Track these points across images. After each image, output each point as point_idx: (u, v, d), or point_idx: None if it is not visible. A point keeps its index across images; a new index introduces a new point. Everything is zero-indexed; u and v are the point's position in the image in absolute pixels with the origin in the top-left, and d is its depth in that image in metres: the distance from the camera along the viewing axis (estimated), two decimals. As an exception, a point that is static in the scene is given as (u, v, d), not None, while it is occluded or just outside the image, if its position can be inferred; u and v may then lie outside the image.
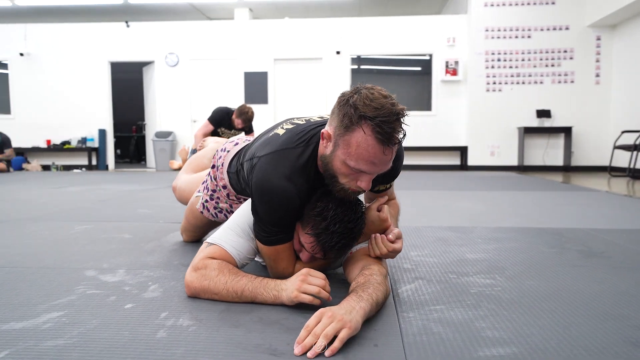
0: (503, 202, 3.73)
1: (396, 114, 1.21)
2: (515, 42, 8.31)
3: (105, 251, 2.06)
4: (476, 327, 1.21)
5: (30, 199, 3.96)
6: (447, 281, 1.61)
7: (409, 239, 2.32)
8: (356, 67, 8.84)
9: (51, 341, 1.12)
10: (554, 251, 2.04)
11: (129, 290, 1.51)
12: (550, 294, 1.47)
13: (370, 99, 1.21)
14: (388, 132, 1.20)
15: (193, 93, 9.02)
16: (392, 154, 1.25)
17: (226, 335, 1.16)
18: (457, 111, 8.66)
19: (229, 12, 9.92)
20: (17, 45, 9.09)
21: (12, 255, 1.98)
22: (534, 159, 8.42)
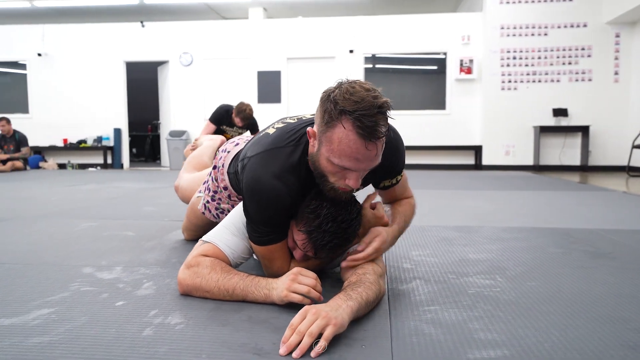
0: (514, 202, 3.66)
1: (378, 107, 1.16)
2: (532, 39, 8.17)
3: (106, 248, 2.06)
4: (469, 328, 1.18)
5: (42, 197, 4.01)
6: (446, 281, 1.58)
7: (412, 238, 2.28)
8: (369, 66, 8.79)
9: (37, 338, 1.11)
10: (560, 252, 1.99)
11: (123, 287, 1.51)
12: (550, 295, 1.43)
13: (351, 93, 1.17)
14: (369, 125, 1.14)
15: (207, 92, 9.06)
16: (377, 149, 1.19)
17: (213, 334, 1.14)
18: (472, 110, 8.56)
19: (243, 12, 9.95)
20: (35, 45, 9.24)
21: (15, 252, 2.00)
22: (550, 158, 8.28)
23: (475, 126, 8.56)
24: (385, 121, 1.18)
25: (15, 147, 7.82)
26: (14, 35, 9.30)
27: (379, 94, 1.19)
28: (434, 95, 8.74)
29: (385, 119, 1.18)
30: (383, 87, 1.26)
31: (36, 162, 8.52)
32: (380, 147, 1.20)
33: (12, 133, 7.81)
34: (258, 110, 8.91)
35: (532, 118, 8.24)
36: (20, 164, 7.69)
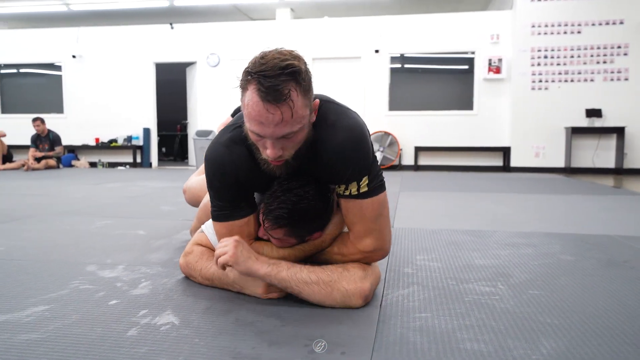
0: (536, 206, 3.55)
1: (280, 68, 1.11)
2: (564, 37, 7.93)
3: (114, 247, 2.10)
4: (457, 338, 1.14)
5: (67, 195, 4.12)
6: (444, 288, 1.54)
7: (420, 241, 2.24)
8: (395, 66, 8.71)
9: (25, 335, 1.14)
10: (572, 259, 1.91)
11: (120, 286, 1.53)
12: (550, 305, 1.37)
13: (261, 57, 1.15)
14: (268, 86, 1.10)
15: (233, 93, 9.14)
16: (282, 112, 1.13)
17: (195, 336, 1.14)
18: (500, 110, 8.37)
19: (271, 13, 10.01)
20: (70, 47, 9.53)
21: (27, 248, 2.06)
22: (582, 160, 8.01)
23: (504, 127, 8.37)
24: (291, 84, 1.12)
25: (50, 146, 8.08)
26: (50, 38, 9.62)
27: (291, 58, 1.14)
28: (461, 96, 8.58)
29: (290, 82, 1.12)
30: (409, 86, 1.22)
31: (69, 161, 8.79)
32: (287, 111, 1.13)
33: (47, 132, 8.07)
34: None
35: (563, 119, 8.00)
36: (53, 163, 7.94)
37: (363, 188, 1.32)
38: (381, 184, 1.37)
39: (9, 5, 9.66)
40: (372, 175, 1.32)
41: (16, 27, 10.97)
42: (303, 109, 1.18)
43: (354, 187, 1.31)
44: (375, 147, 8.56)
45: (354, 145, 1.28)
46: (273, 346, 1.09)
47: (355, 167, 1.30)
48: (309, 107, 1.21)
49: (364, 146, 1.30)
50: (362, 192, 1.32)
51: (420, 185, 5.23)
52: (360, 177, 1.31)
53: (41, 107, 9.74)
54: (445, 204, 3.60)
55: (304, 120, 1.20)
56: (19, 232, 2.42)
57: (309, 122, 1.24)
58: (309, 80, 1.20)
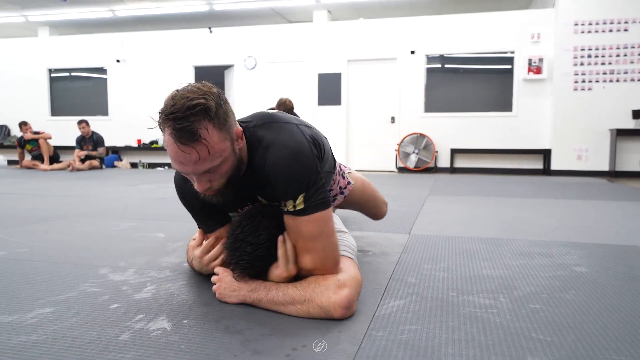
0: (564, 212, 3.42)
1: (189, 108, 1.13)
2: (609, 36, 7.60)
3: (131, 249, 2.18)
4: (441, 353, 1.13)
5: (101, 196, 4.29)
6: (443, 299, 1.51)
7: (430, 250, 2.21)
8: (431, 67, 8.58)
9: (25, 336, 1.20)
10: (587, 271, 1.84)
11: (126, 290, 1.59)
12: (548, 320, 1.33)
13: (172, 97, 1.17)
14: (178, 128, 1.13)
15: (268, 95, 9.27)
16: (198, 152, 1.16)
17: (183, 342, 1.18)
18: (541, 112, 8.10)
19: (308, 15, 10.07)
20: (114, 52, 9.92)
21: (48, 249, 2.16)
22: (628, 164, 7.66)
23: (544, 129, 8.10)
24: (202, 122, 1.15)
25: (93, 147, 8.42)
26: (96, 43, 10.05)
27: (200, 96, 1.15)
28: (500, 97, 8.37)
29: (201, 121, 1.14)
30: (445, 87, 1.18)
31: (112, 162, 9.13)
32: (203, 149, 1.16)
33: (91, 134, 8.42)
34: (318, 113, 9.02)
35: (608, 120, 7.67)
36: (96, 163, 8.28)
37: (299, 205, 1.30)
38: (322, 202, 1.32)
39: (59, 12, 10.13)
40: (309, 192, 1.30)
41: (65, 33, 11.49)
42: (221, 142, 1.20)
43: (290, 204, 1.31)
44: (409, 149, 8.47)
45: (287, 162, 1.28)
46: (255, 355, 1.11)
47: (289, 185, 1.28)
48: (229, 138, 1.23)
49: (298, 164, 1.28)
50: (297, 209, 1.31)
51: (450, 190, 5.14)
52: (296, 195, 1.29)
53: (87, 110, 10.18)
54: (470, 210, 3.53)
55: (225, 153, 1.23)
56: (45, 234, 2.55)
57: (232, 151, 1.26)
58: (225, 112, 1.22)
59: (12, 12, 10.24)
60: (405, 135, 8.55)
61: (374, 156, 8.90)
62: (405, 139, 8.54)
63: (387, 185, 5.57)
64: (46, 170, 8.01)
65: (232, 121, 1.26)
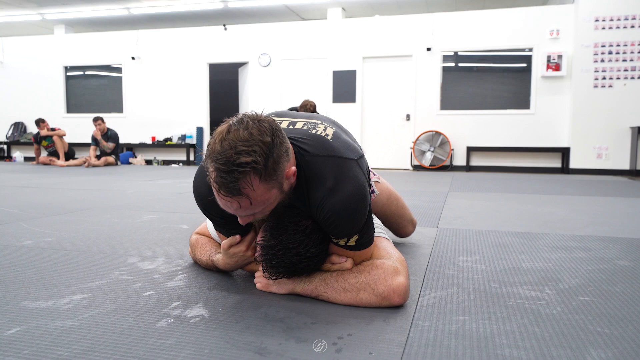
0: (592, 208, 3.34)
1: (234, 165, 1.07)
2: (631, 32, 7.46)
3: (157, 240, 2.15)
4: (495, 343, 1.07)
5: (120, 190, 4.28)
6: (486, 290, 1.46)
7: (463, 242, 2.15)
8: (448, 64, 8.49)
9: (61, 322, 1.17)
10: (631, 265, 1.77)
11: (157, 278, 1.55)
12: (602, 313, 1.27)
13: (221, 138, 1.09)
14: (220, 182, 1.09)
15: (283, 92, 9.24)
16: (238, 203, 1.12)
17: (223, 329, 1.14)
18: (559, 109, 7.98)
19: (322, 12, 10.02)
20: (130, 49, 9.94)
21: (76, 239, 2.14)
22: (649, 162, 7.51)
23: (563, 127, 7.98)
24: (247, 178, 1.08)
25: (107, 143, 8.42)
26: (112, 41, 10.08)
27: (248, 148, 1.07)
28: (518, 94, 8.25)
29: (246, 176, 1.08)
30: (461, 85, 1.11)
31: (127, 158, 9.15)
32: (245, 201, 1.12)
33: (106, 131, 8.44)
34: (333, 110, 8.96)
35: (629, 118, 7.53)
36: (112, 160, 8.29)
37: (351, 243, 1.32)
38: (370, 239, 1.36)
39: (75, 10, 10.18)
40: (362, 233, 1.31)
41: (81, 31, 11.55)
42: (266, 193, 1.14)
43: (343, 242, 1.32)
44: (425, 147, 8.39)
45: (350, 213, 1.25)
46: (301, 343, 1.06)
47: (347, 230, 1.29)
48: (277, 185, 1.16)
49: (359, 213, 1.27)
50: (349, 245, 1.33)
51: (470, 186, 5.06)
52: (350, 237, 1.30)
53: (102, 107, 10.22)
54: (495, 206, 3.46)
55: (270, 200, 1.17)
56: (71, 224, 2.53)
57: (280, 194, 1.19)
58: (275, 161, 1.12)
59: (29, 10, 10.31)
60: (421, 133, 8.47)
61: (388, 154, 8.83)
62: (421, 137, 8.46)
63: (404, 183, 5.50)
64: (62, 166, 8.04)
65: (283, 166, 1.16)
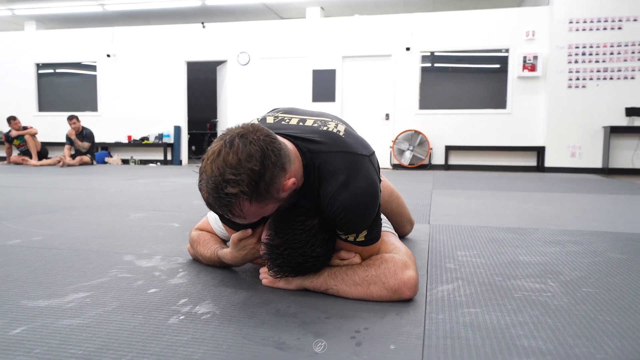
0: (576, 205, 3.43)
1: (222, 192, 1.08)
2: (603, 34, 7.67)
3: (150, 238, 2.10)
4: (511, 334, 1.08)
5: (102, 189, 4.18)
6: (491, 283, 1.47)
7: (459, 238, 2.17)
8: (426, 65, 8.58)
9: (68, 320, 1.13)
10: (623, 258, 1.82)
11: (158, 275, 1.51)
12: (608, 303, 1.29)
13: (212, 159, 1.09)
14: (210, 203, 1.12)
15: (262, 91, 9.19)
16: (231, 216, 1.14)
17: (237, 325, 1.11)
18: (535, 109, 8.15)
19: (301, 11, 10.00)
20: (105, 47, 9.73)
21: (65, 238, 2.07)
22: (621, 161, 7.74)
23: (538, 126, 8.16)
24: (236, 204, 1.10)
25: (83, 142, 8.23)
26: (86, 38, 9.84)
27: (237, 177, 1.06)
28: (494, 94, 8.40)
29: (234, 202, 1.09)
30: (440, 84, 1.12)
31: (102, 158, 8.96)
32: (239, 217, 1.14)
33: (81, 130, 8.24)
34: (312, 109, 8.94)
35: (601, 118, 7.74)
36: (87, 159, 8.10)
37: (360, 239, 1.31)
38: (378, 235, 1.35)
39: (46, 6, 9.92)
40: (371, 228, 1.31)
41: (53, 28, 11.26)
42: (259, 210, 1.15)
43: (352, 237, 1.31)
44: (404, 146, 8.46)
45: (361, 209, 1.26)
46: (320, 337, 1.05)
47: (357, 226, 1.29)
48: (272, 200, 1.16)
49: (370, 209, 1.27)
50: (358, 241, 1.32)
51: (452, 184, 5.12)
52: (359, 233, 1.30)
53: (76, 106, 9.97)
54: (480, 202, 3.51)
55: (265, 213, 1.19)
56: (57, 223, 2.45)
57: (276, 204, 1.19)
58: (268, 183, 1.11)
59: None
60: (400, 132, 8.54)
61: (368, 153, 8.85)
62: (400, 136, 8.53)
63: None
64: (36, 165, 7.81)
65: (278, 184, 1.14)
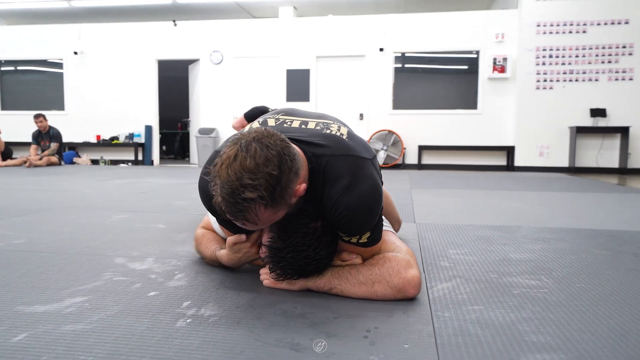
0: (551, 203, 3.53)
1: (239, 197, 1.06)
2: (569, 37, 7.92)
3: (138, 240, 2.05)
4: (518, 330, 1.10)
5: (75, 190, 4.06)
6: (488, 281, 1.50)
7: (448, 236, 2.20)
8: (400, 65, 8.68)
9: (70, 325, 1.09)
10: (607, 253, 1.88)
11: (155, 278, 1.48)
12: (603, 297, 1.33)
13: (228, 163, 1.08)
14: (224, 208, 1.10)
15: (236, 90, 9.11)
16: (244, 223, 1.14)
17: (247, 327, 1.10)
18: (505, 110, 8.35)
19: (273, 11, 9.96)
20: (71, 44, 9.45)
21: (48, 241, 2.00)
22: (586, 160, 8.01)
23: (508, 126, 8.36)
24: (251, 209, 1.09)
25: (50, 142, 7.99)
26: (52, 35, 9.54)
27: (254, 182, 1.06)
28: (466, 95, 8.56)
29: (250, 208, 1.08)
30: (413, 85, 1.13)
31: (70, 158, 8.70)
32: (252, 224, 1.14)
33: (48, 129, 7.99)
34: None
35: (568, 118, 7.99)
36: (55, 159, 7.85)
37: (362, 240, 1.32)
38: (379, 236, 1.36)
39: (9, 0, 9.55)
40: (373, 230, 1.32)
41: (16, 24, 10.86)
42: (272, 216, 1.15)
43: (355, 239, 1.32)
44: (378, 146, 8.53)
45: (365, 211, 1.26)
46: (332, 338, 1.05)
47: (360, 228, 1.29)
48: (285, 206, 1.16)
49: (374, 212, 1.28)
50: (360, 242, 1.33)
51: (429, 184, 5.20)
52: (362, 235, 1.31)
53: (42, 104, 9.65)
54: (460, 201, 3.57)
55: (277, 219, 1.19)
56: (37, 225, 2.37)
57: (287, 209, 1.18)
58: (283, 188, 1.10)
59: (-43, -1, 9.58)
60: (374, 132, 8.61)
61: (343, 153, 8.88)
62: (374, 136, 8.59)
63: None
64: (0, 166, 7.53)
65: (292, 189, 1.14)
